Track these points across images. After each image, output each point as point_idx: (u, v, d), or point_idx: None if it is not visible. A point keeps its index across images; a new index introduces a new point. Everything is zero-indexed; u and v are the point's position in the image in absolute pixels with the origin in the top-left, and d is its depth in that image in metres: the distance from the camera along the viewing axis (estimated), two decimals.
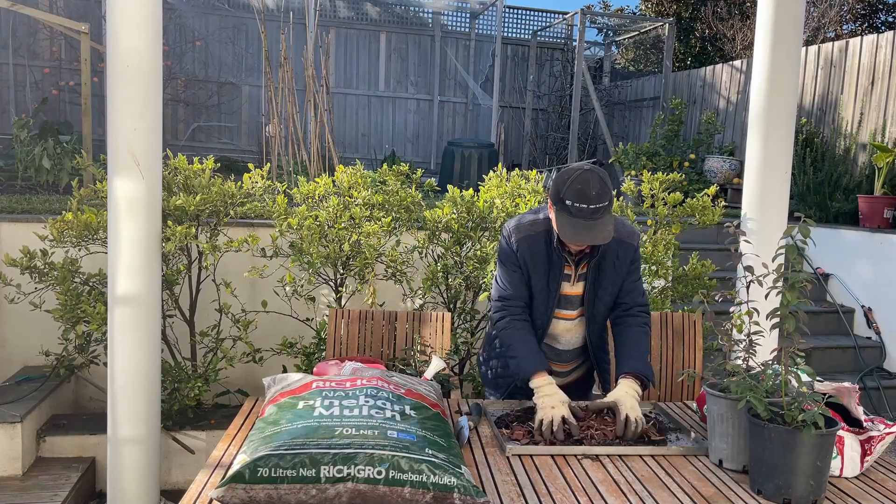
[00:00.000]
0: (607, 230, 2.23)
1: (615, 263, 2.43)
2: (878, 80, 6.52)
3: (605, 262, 2.43)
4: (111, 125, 3.05)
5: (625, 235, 2.44)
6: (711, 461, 2.02)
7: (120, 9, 3.00)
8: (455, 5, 11.11)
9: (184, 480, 3.86)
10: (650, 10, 13.04)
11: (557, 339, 2.56)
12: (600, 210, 2.20)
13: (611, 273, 2.44)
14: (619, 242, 2.42)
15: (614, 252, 2.42)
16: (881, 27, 12.78)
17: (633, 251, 2.46)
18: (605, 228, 2.22)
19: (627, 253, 2.45)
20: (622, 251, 2.43)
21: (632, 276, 2.49)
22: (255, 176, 3.84)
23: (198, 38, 9.74)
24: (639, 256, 2.51)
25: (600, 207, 2.19)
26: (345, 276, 3.94)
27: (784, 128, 3.56)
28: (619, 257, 2.43)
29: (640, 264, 2.53)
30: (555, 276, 2.43)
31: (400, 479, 1.59)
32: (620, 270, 2.45)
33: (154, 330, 3.21)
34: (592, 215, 2.20)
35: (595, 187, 2.20)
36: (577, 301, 2.50)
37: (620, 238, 2.42)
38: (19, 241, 3.80)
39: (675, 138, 8.64)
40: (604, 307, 2.50)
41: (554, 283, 2.43)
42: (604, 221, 2.22)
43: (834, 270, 5.97)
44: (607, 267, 2.43)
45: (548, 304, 2.47)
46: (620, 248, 2.43)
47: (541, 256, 2.41)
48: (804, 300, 1.88)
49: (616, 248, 2.42)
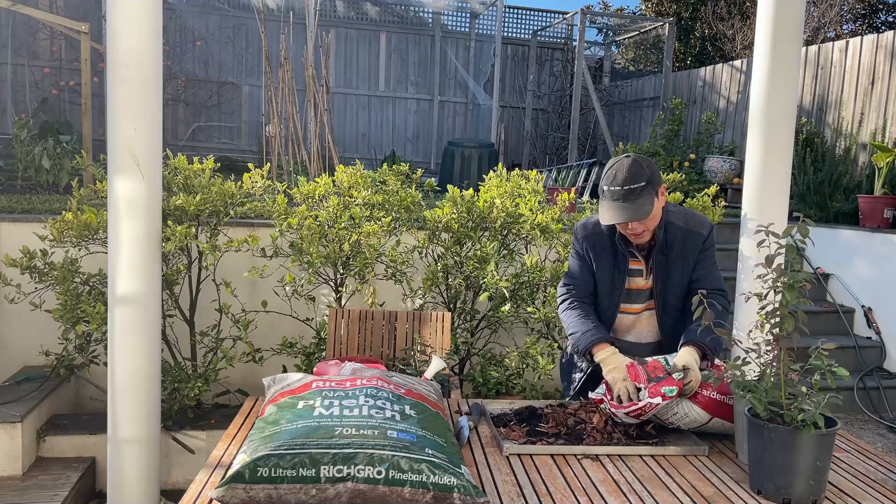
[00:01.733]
0: (644, 209, 2.27)
1: (683, 253, 2.45)
2: (878, 80, 6.52)
3: (673, 253, 2.44)
4: (111, 125, 3.05)
5: (693, 225, 2.46)
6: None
7: (120, 9, 3.00)
8: (455, 5, 11.11)
9: (184, 480, 3.86)
10: (650, 10, 13.04)
11: (626, 333, 2.57)
12: (635, 191, 2.25)
13: (679, 263, 2.45)
14: (687, 232, 2.44)
15: (682, 242, 2.44)
16: (881, 27, 12.78)
17: (703, 240, 2.47)
18: (642, 208, 2.26)
19: (696, 242, 2.45)
20: (690, 240, 2.45)
21: (702, 263, 2.48)
22: (255, 176, 3.84)
23: (198, 38, 9.74)
24: (711, 245, 2.50)
25: (634, 188, 2.25)
26: (345, 276, 3.94)
27: (784, 128, 3.56)
28: (687, 247, 2.44)
29: (712, 253, 2.51)
30: (619, 273, 2.47)
31: (400, 478, 1.59)
32: (689, 260, 2.46)
33: (154, 330, 3.21)
34: (626, 197, 2.25)
35: (629, 171, 2.26)
36: (645, 294, 2.51)
37: (688, 228, 2.45)
38: (19, 241, 3.80)
39: (675, 138, 8.64)
40: (675, 298, 2.50)
41: (619, 279, 2.48)
42: (640, 201, 2.26)
43: (834, 270, 5.97)
44: (674, 257, 2.44)
45: (612, 300, 2.51)
46: (688, 237, 2.44)
47: (605, 253, 2.48)
48: (803, 300, 1.88)
49: (684, 237, 2.44)
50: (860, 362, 5.38)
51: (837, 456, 2.13)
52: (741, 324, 3.58)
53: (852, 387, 5.15)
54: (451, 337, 3.13)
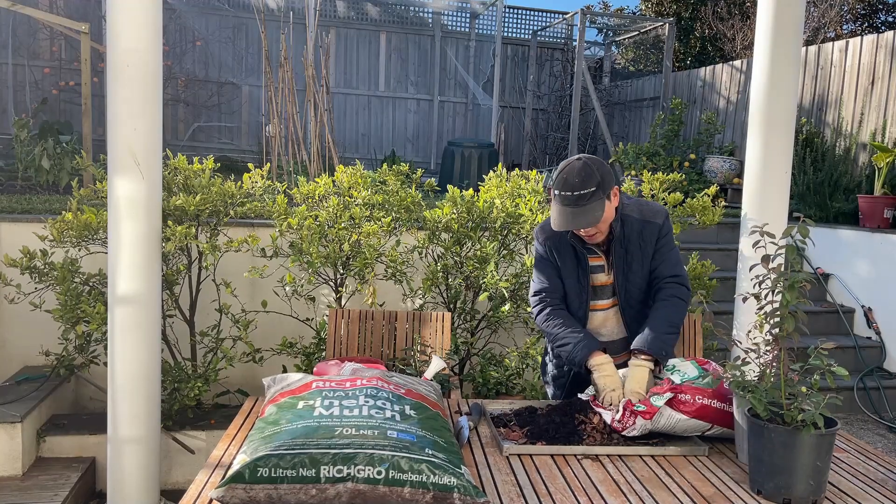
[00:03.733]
0: (593, 216, 2.27)
1: (640, 244, 2.44)
2: (878, 80, 6.52)
3: (631, 245, 2.43)
4: (111, 125, 3.05)
5: (648, 215, 2.44)
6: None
7: (120, 9, 3.00)
8: (455, 5, 11.11)
9: (184, 480, 3.86)
10: (650, 10, 13.04)
11: (599, 332, 2.55)
12: (585, 196, 2.24)
13: (637, 255, 2.44)
14: (644, 223, 2.43)
15: (638, 233, 2.43)
16: (881, 27, 12.77)
17: (659, 229, 2.45)
18: (591, 214, 2.26)
19: (653, 232, 2.44)
20: (647, 231, 2.44)
21: (659, 252, 2.47)
22: (255, 176, 3.84)
23: (198, 38, 9.73)
24: (668, 232, 2.49)
25: (584, 194, 2.24)
26: (345, 276, 3.94)
27: (784, 128, 3.56)
28: (644, 238, 2.44)
29: (669, 240, 2.50)
30: (583, 271, 2.46)
31: (400, 479, 1.59)
32: (647, 251, 2.45)
33: (154, 330, 3.21)
34: (577, 202, 2.25)
35: (579, 175, 2.25)
36: (608, 290, 2.51)
37: (644, 218, 2.43)
38: (19, 241, 3.80)
39: (675, 138, 8.64)
40: (637, 291, 2.49)
41: (584, 277, 2.47)
42: (590, 207, 2.25)
43: (834, 270, 5.97)
44: (633, 249, 2.44)
45: (581, 298, 2.49)
46: (645, 228, 2.43)
47: (567, 252, 2.47)
48: (803, 300, 1.88)
49: (640, 228, 2.43)
50: (860, 362, 5.38)
51: (837, 456, 2.13)
52: (741, 324, 3.59)
53: (852, 387, 5.15)
54: (451, 337, 3.13)
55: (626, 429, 2.11)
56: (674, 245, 2.52)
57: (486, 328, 4.12)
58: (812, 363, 1.79)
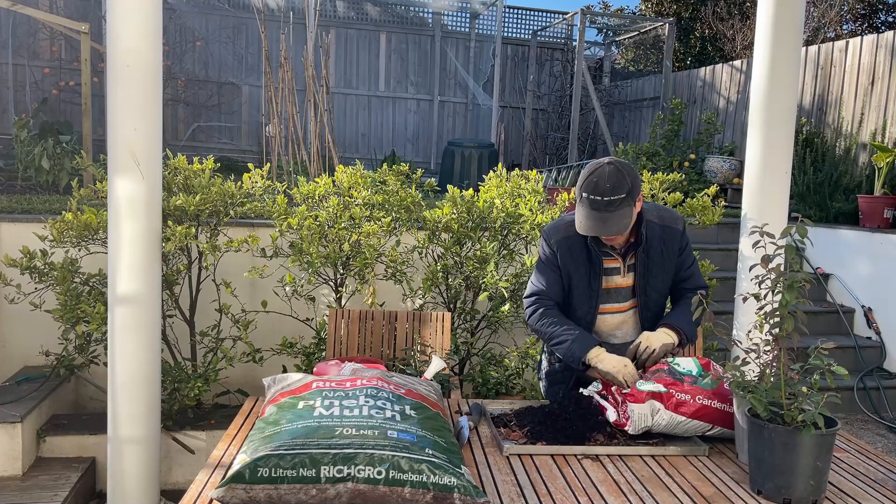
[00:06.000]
0: (623, 222, 2.25)
1: (662, 249, 2.44)
2: (878, 80, 6.52)
3: (653, 250, 2.44)
4: (111, 125, 3.05)
5: (669, 221, 2.46)
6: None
7: (120, 9, 3.00)
8: (455, 5, 11.11)
9: (184, 480, 3.86)
10: (650, 10, 13.04)
11: (613, 334, 2.55)
12: (615, 202, 2.21)
13: (659, 260, 2.45)
14: (664, 228, 2.44)
15: (660, 238, 2.43)
16: (881, 27, 12.77)
17: (680, 235, 2.48)
18: (621, 220, 2.24)
19: (674, 238, 2.46)
20: (668, 236, 2.45)
21: (685, 262, 2.51)
22: (255, 176, 3.84)
23: (198, 38, 9.73)
24: (688, 241, 2.51)
25: (615, 200, 2.21)
26: (345, 276, 3.94)
27: (784, 128, 3.56)
28: (666, 243, 2.45)
29: (691, 249, 2.53)
30: (595, 275, 2.44)
31: (400, 479, 1.59)
32: (669, 257, 2.46)
33: (154, 330, 3.21)
34: (607, 207, 2.22)
35: (610, 180, 2.22)
36: (627, 293, 2.50)
37: (665, 224, 2.44)
38: (19, 241, 3.80)
39: (675, 138, 8.64)
40: (657, 294, 2.50)
41: (595, 281, 2.44)
42: (619, 213, 2.23)
43: (834, 270, 5.97)
44: (654, 254, 2.44)
45: (591, 303, 2.47)
46: (666, 233, 2.44)
47: (580, 256, 2.44)
48: (803, 300, 1.88)
49: (661, 233, 2.43)
50: (860, 362, 5.38)
51: (837, 456, 2.13)
52: (741, 324, 3.58)
53: (852, 387, 5.15)
54: (451, 337, 3.13)
55: (627, 422, 2.12)
56: (693, 255, 2.55)
57: (486, 328, 4.12)
58: (812, 363, 1.79)
